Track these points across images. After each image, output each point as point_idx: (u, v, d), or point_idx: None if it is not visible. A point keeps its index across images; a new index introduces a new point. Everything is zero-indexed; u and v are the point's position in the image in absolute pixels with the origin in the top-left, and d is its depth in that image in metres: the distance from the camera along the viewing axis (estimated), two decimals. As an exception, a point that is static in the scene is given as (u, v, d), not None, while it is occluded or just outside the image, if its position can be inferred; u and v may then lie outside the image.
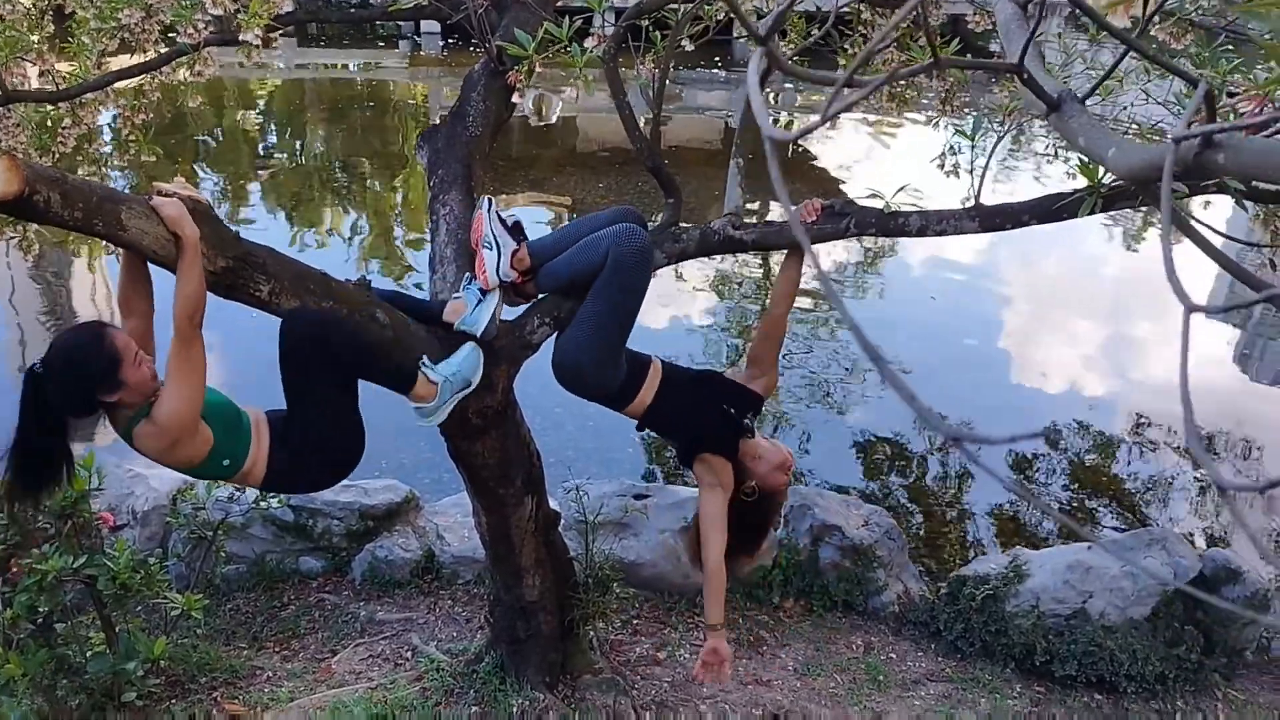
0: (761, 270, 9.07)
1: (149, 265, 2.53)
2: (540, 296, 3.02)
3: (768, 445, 2.96)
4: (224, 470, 2.57)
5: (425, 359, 2.82)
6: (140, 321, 2.57)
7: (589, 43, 2.61)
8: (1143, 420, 6.94)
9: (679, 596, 4.54)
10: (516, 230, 2.89)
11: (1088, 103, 1.57)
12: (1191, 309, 0.63)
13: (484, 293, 2.91)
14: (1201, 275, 7.67)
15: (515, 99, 2.79)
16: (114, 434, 2.48)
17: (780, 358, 3.09)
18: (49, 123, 3.97)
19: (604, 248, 2.61)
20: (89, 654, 3.49)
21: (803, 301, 8.57)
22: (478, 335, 2.89)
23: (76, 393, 2.36)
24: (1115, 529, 5.71)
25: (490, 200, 2.86)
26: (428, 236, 3.17)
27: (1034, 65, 1.46)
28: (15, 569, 3.28)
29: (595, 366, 2.73)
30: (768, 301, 3.20)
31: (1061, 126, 1.43)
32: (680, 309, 8.31)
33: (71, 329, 2.41)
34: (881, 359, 0.59)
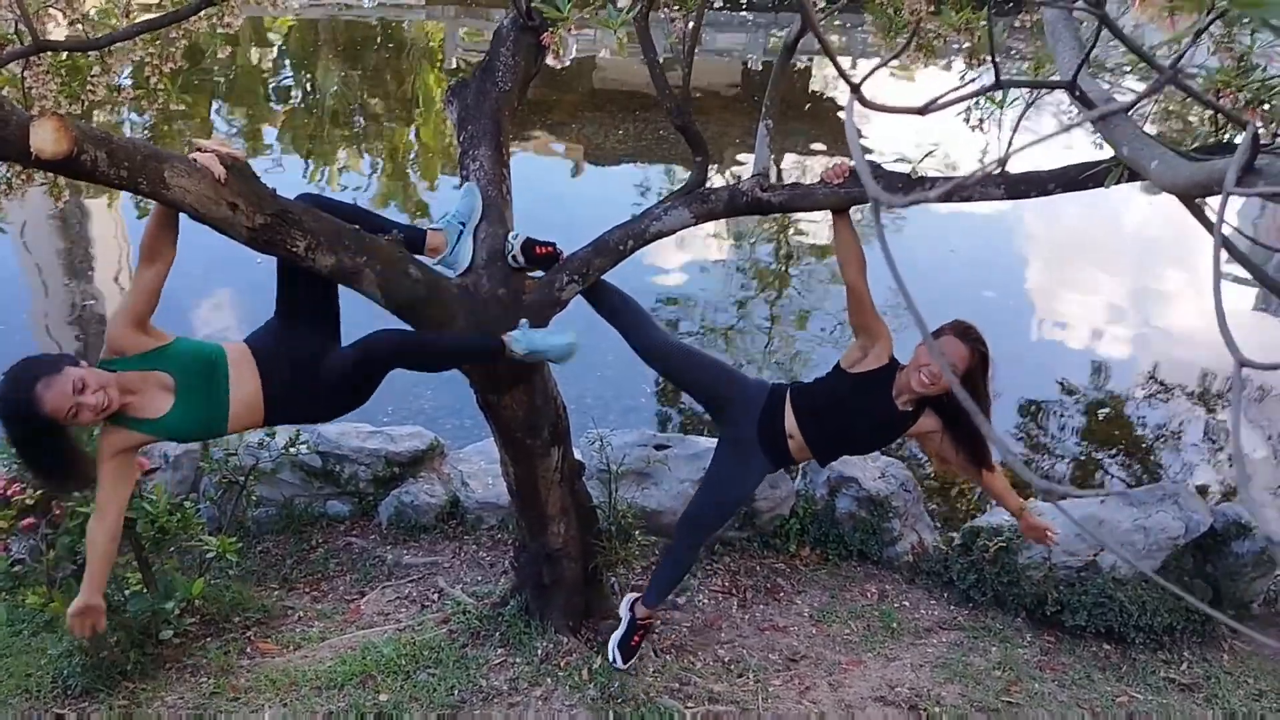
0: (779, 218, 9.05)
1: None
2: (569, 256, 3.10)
3: (904, 377, 3.06)
4: (210, 426, 2.70)
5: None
6: (161, 269, 2.58)
7: (622, 1, 2.62)
8: (1158, 374, 6.96)
9: (697, 544, 4.63)
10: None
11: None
12: (1243, 364, 0.67)
13: (464, 225, 2.99)
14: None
15: (551, 60, 2.81)
16: None
17: (874, 312, 3.20)
18: (76, 70, 3.98)
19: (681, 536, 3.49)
20: (128, 593, 3.61)
21: (818, 244, 8.58)
22: (455, 274, 2.99)
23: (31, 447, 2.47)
24: (1127, 483, 5.77)
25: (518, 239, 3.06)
26: (458, 189, 3.21)
27: (1083, 77, 1.49)
28: (58, 511, 3.38)
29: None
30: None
31: (1107, 133, 1.46)
32: (695, 252, 8.35)
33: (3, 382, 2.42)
34: (942, 356, 0.63)
